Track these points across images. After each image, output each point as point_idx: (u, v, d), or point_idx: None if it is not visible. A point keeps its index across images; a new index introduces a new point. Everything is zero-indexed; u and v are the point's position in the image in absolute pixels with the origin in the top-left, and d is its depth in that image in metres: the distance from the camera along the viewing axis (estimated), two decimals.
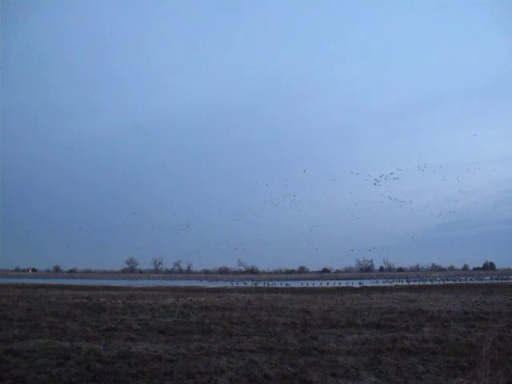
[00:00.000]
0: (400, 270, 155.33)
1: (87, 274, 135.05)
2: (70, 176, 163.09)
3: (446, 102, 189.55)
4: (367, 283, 66.34)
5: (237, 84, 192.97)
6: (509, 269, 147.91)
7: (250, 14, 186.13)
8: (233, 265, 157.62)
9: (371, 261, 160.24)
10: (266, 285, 67.06)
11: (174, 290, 46.32)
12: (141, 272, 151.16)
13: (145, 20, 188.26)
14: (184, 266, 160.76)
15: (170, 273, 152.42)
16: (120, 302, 26.94)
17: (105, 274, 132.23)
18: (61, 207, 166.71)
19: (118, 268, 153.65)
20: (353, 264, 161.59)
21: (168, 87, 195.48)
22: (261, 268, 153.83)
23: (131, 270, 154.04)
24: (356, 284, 62.58)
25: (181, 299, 29.53)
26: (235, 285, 68.16)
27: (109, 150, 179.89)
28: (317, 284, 66.12)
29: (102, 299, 28.61)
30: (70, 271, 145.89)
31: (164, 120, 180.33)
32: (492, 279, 78.21)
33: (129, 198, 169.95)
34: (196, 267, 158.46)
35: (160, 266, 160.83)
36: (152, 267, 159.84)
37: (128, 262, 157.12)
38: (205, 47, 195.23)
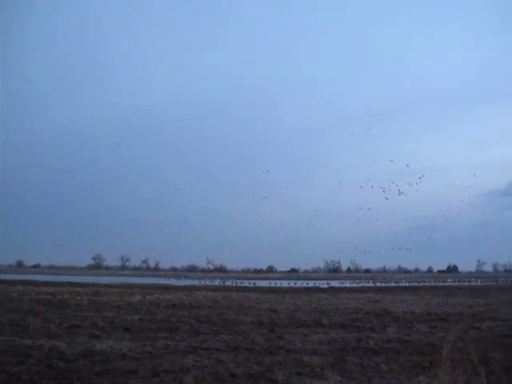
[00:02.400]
0: (367, 271, 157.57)
1: (52, 269, 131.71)
2: (44, 168, 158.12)
3: (417, 106, 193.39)
4: (335, 284, 66.96)
5: (212, 84, 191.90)
6: (471, 272, 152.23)
7: (232, 15, 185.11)
8: (201, 263, 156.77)
9: (339, 262, 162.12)
10: (234, 283, 66.94)
11: (141, 287, 45.77)
12: (107, 269, 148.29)
13: (129, 15, 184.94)
14: (152, 264, 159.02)
15: (137, 270, 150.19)
16: (85, 298, 26.48)
17: (70, 269, 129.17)
18: (27, 199, 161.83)
19: (83, 264, 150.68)
20: (321, 264, 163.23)
21: (149, 82, 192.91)
22: (229, 266, 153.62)
23: (97, 267, 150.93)
24: (323, 284, 63.10)
25: (148, 297, 29.24)
26: (203, 283, 67.73)
27: (82, 143, 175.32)
28: (285, 284, 66.34)
29: (67, 296, 28.07)
30: (34, 266, 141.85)
31: (143, 115, 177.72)
32: (455, 281, 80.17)
33: (98, 193, 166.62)
34: (164, 265, 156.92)
35: (127, 262, 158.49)
36: (119, 264, 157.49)
37: (94, 259, 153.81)
38: (186, 45, 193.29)
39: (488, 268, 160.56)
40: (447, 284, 67.75)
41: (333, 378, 8.73)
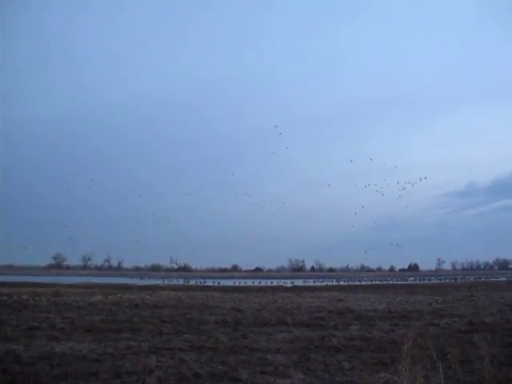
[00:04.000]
0: (331, 270, 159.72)
1: (9, 269, 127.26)
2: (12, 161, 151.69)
3: (390, 107, 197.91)
4: (299, 283, 67.54)
5: (181, 81, 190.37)
6: (431, 270, 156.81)
7: (204, 13, 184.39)
8: (165, 262, 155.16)
9: (303, 261, 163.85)
10: (198, 283, 66.62)
11: (103, 287, 44.97)
12: (68, 268, 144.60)
13: (104, 14, 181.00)
14: (114, 263, 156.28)
15: (99, 269, 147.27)
16: (44, 299, 25.76)
17: (29, 269, 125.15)
18: None
19: (43, 264, 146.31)
20: (285, 263, 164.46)
21: (119, 76, 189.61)
22: (193, 266, 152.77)
23: (58, 266, 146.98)
24: (288, 283, 63.55)
25: (110, 297, 28.72)
26: (167, 282, 67.12)
27: (55, 137, 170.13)
28: (249, 283, 66.47)
29: (25, 296, 27.24)
30: None
31: (115, 109, 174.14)
32: (415, 280, 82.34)
33: (58, 189, 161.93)
34: (127, 264, 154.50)
35: (89, 262, 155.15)
36: (81, 263, 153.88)
37: (55, 258, 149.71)
38: (158, 42, 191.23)
39: (447, 266, 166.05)
40: (408, 282, 69.47)
41: (296, 376, 8.79)
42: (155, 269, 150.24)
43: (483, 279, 77.33)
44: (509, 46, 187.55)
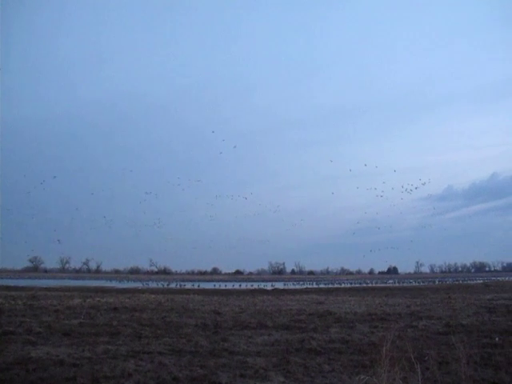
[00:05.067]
0: (311, 273, 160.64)
1: None
2: None
3: (368, 112, 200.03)
4: (279, 285, 67.73)
5: (157, 82, 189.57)
6: (409, 273, 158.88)
7: (183, 17, 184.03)
8: (144, 265, 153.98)
9: (283, 264, 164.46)
10: (178, 286, 66.24)
11: (81, 290, 44.33)
12: (46, 271, 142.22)
13: (92, 14, 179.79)
14: (93, 266, 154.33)
15: (77, 272, 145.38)
16: (20, 303, 25.21)
17: (4, 272, 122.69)
18: None
19: (19, 267, 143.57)
20: (265, 266, 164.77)
21: (97, 76, 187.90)
22: (173, 269, 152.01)
23: (35, 269, 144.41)
24: (268, 286, 63.62)
25: (88, 300, 28.29)
26: (146, 285, 66.60)
27: (33, 138, 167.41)
28: (229, 286, 66.40)
29: (0, 300, 26.63)
30: None
31: (97, 108, 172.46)
32: (395, 283, 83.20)
33: (34, 189, 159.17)
34: (106, 267, 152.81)
35: (67, 265, 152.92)
36: (58, 266, 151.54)
37: (31, 261, 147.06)
38: (140, 44, 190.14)
39: (426, 269, 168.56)
40: (387, 285, 70.19)
41: (276, 379, 8.79)
42: (135, 272, 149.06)
43: (460, 282, 78.60)
44: (486, 52, 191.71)
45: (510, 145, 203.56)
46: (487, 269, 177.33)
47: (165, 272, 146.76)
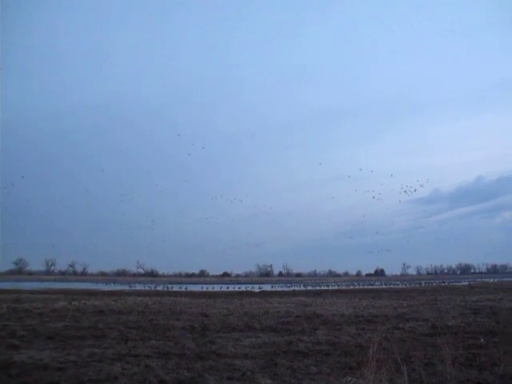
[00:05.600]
0: (298, 275, 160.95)
1: None
2: None
3: (354, 115, 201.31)
4: (266, 288, 67.66)
5: (147, 83, 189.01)
6: (396, 275, 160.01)
7: (173, 19, 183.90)
8: (131, 267, 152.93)
9: (271, 266, 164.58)
10: (166, 288, 65.87)
11: (66, 292, 43.84)
12: (30, 274, 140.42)
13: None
14: (79, 268, 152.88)
15: (63, 275, 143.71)
16: (4, 306, 24.86)
17: None
18: None
19: (3, 269, 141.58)
20: (253, 269, 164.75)
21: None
22: (161, 271, 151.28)
23: (19, 272, 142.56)
24: (255, 288, 63.55)
25: (74, 303, 28.01)
26: (133, 288, 66.11)
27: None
28: (217, 288, 66.17)
29: None
30: None
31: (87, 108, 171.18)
32: (381, 285, 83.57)
33: (19, 192, 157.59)
34: (92, 269, 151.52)
35: (53, 267, 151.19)
36: (44, 268, 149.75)
37: (16, 263, 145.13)
38: (130, 45, 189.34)
39: (412, 271, 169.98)
40: (374, 287, 70.44)
41: (264, 381, 8.77)
42: (121, 274, 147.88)
43: (446, 283, 79.21)
44: (473, 56, 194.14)
45: (495, 148, 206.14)
46: (472, 270, 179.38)
47: (152, 274, 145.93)
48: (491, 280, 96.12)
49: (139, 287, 69.40)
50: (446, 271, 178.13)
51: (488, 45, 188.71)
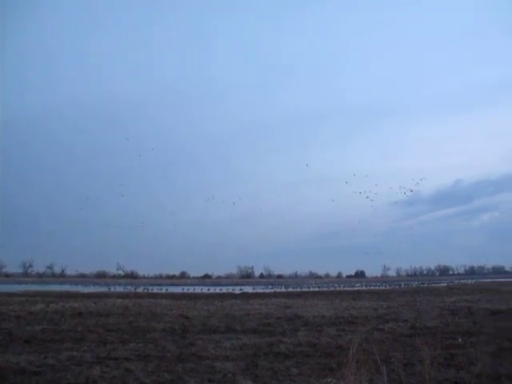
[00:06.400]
0: (279, 276, 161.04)
1: None
2: None
3: (333, 118, 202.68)
4: (248, 289, 67.57)
5: (131, 83, 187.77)
6: (376, 277, 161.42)
7: (157, 19, 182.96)
8: (111, 269, 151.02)
9: (252, 267, 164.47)
10: (146, 290, 65.32)
11: (44, 295, 43.09)
12: (7, 276, 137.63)
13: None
14: (58, 270, 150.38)
15: (41, 277, 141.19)
16: None
17: None
18: None
19: None
20: (234, 270, 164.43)
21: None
22: (141, 273, 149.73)
23: None
24: (237, 290, 63.43)
25: (52, 305, 27.58)
26: (113, 290, 65.37)
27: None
28: (197, 290, 65.84)
29: None
30: None
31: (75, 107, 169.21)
32: (362, 286, 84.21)
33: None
34: (71, 271, 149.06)
35: (30, 269, 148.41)
36: (21, 270, 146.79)
37: None
38: (113, 44, 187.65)
39: (392, 273, 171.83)
40: (355, 288, 70.86)
41: (244, 383, 8.76)
42: (101, 276, 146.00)
43: (425, 285, 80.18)
44: (452, 61, 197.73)
45: (473, 152, 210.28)
46: (451, 272, 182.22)
47: (132, 276, 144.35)
48: (469, 281, 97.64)
49: (119, 289, 68.65)
50: (425, 273, 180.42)
51: (468, 50, 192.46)
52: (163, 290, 62.58)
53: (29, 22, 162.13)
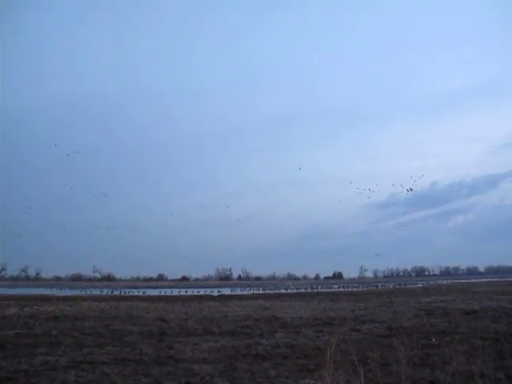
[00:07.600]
0: (257, 278, 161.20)
1: None
2: None
3: (310, 120, 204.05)
4: (226, 291, 67.40)
5: (112, 82, 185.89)
6: (354, 278, 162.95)
7: (139, 20, 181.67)
8: (87, 271, 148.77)
9: (230, 269, 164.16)
10: (123, 293, 64.58)
11: (18, 298, 42.16)
12: None
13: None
14: (32, 273, 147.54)
15: (15, 280, 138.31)
16: None
17: None
18: None
19: None
20: (212, 272, 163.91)
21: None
22: (118, 275, 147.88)
23: None
24: (215, 292, 63.20)
25: (26, 309, 27.02)
26: (89, 293, 64.44)
27: None
28: (175, 292, 65.40)
29: None
30: None
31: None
32: (339, 287, 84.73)
33: None
34: (46, 274, 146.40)
35: (3, 272, 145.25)
36: None
37: None
38: (95, 42, 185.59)
39: (369, 274, 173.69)
40: (332, 290, 71.27)
41: None
42: (77, 278, 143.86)
43: (402, 286, 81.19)
44: (433, 64, 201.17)
45: (448, 155, 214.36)
46: (427, 273, 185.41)
47: (109, 279, 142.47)
48: (444, 282, 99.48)
49: (95, 292, 67.72)
50: (401, 274, 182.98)
51: (449, 54, 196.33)
52: (140, 293, 61.94)
53: (20, 22, 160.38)
